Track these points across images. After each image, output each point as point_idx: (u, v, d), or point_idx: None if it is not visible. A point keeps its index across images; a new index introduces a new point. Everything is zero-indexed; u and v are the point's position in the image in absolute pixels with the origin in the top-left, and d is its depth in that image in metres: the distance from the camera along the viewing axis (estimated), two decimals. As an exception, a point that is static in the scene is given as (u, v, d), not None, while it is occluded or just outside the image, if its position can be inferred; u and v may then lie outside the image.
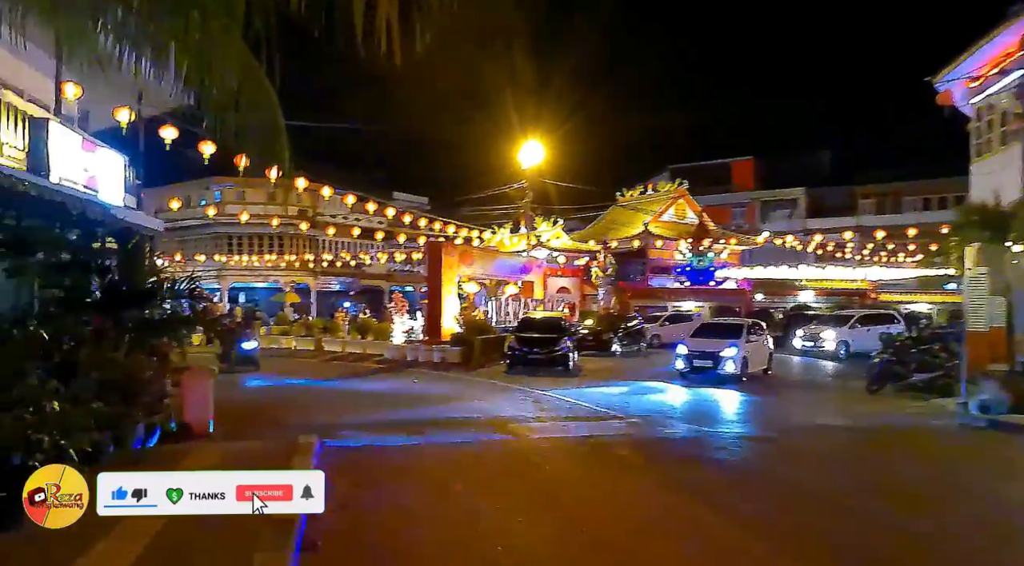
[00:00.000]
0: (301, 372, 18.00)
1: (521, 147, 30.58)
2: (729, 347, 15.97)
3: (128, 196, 14.67)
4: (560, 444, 8.71)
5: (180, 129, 15.46)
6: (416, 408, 11.83)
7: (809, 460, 8.53)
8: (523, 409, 11.74)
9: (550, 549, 5.06)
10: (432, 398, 13.25)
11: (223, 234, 44.43)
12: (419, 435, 9.07)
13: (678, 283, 36.79)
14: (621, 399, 13.26)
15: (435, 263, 22.15)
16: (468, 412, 11.13)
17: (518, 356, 18.37)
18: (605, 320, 25.90)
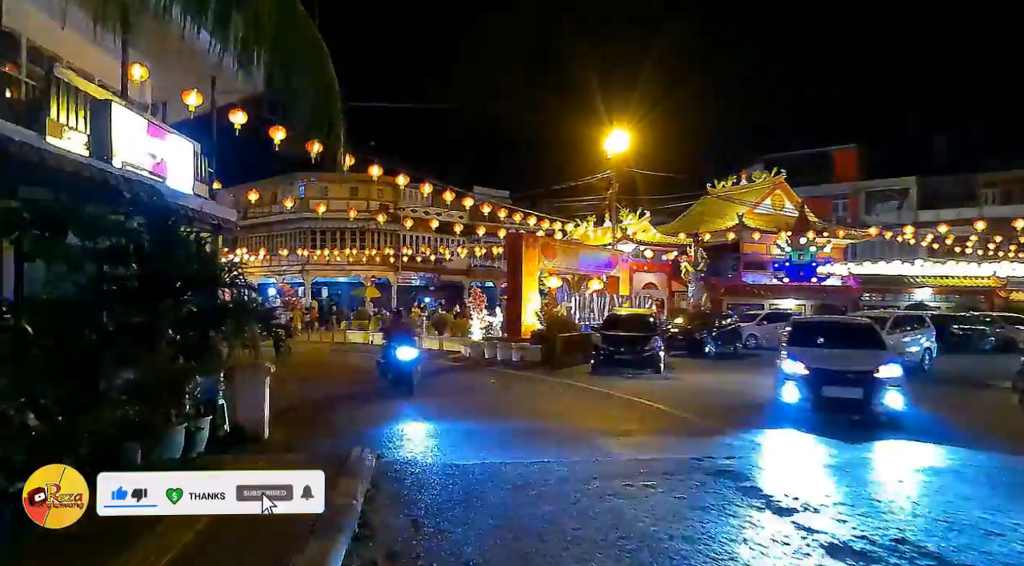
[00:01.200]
0: (373, 369, 17.20)
1: (607, 136, 29.04)
2: (886, 365, 9.73)
3: (199, 184, 14.18)
4: (663, 466, 7.24)
5: (252, 115, 14.92)
6: (492, 412, 10.61)
7: None
8: (613, 417, 10.29)
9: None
10: (510, 402, 11.99)
11: (307, 229, 44.95)
12: (495, 449, 7.81)
13: (775, 279, 34.16)
14: (722, 404, 11.61)
15: (515, 256, 20.94)
16: (550, 420, 9.78)
17: (604, 356, 16.88)
18: (697, 318, 23.96)
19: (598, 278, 26.73)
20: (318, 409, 10.87)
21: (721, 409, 11.18)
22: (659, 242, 33.97)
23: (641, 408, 11.20)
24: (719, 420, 9.89)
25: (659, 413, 10.73)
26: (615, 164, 29.29)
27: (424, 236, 46.94)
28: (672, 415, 10.54)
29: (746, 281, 35.57)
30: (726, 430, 9.03)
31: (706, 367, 18.88)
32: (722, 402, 12.14)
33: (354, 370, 17.03)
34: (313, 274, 45.39)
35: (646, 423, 9.94)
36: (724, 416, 10.32)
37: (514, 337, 20.36)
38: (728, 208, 37.98)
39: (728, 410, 11.07)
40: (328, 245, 44.43)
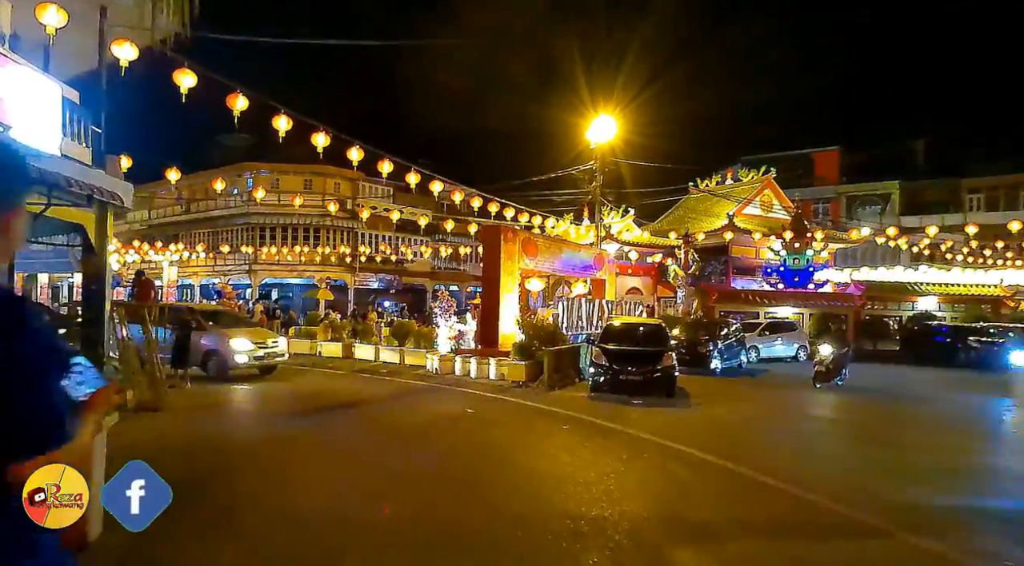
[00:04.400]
0: (312, 391, 13.54)
1: (591, 123, 25.87)
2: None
3: (72, 144, 10.43)
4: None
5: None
6: (473, 479, 7.11)
7: None
8: (664, 490, 6.87)
9: None
10: (494, 450, 8.53)
11: (254, 224, 40.78)
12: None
13: (767, 285, 31.43)
14: (804, 452, 8.41)
15: (492, 252, 17.53)
16: (568, 496, 6.36)
17: (606, 376, 13.58)
18: (698, 328, 20.89)
19: (582, 281, 23.49)
20: (207, 468, 7.28)
21: (826, 468, 7.91)
22: (647, 243, 30.93)
23: (697, 466, 7.79)
24: (848, 498, 6.52)
25: (732, 478, 7.29)
26: (600, 154, 26.14)
27: (384, 235, 43.19)
28: (758, 484, 6.99)
29: (735, 286, 32.81)
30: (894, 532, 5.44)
31: (720, 389, 15.74)
32: (801, 448, 8.91)
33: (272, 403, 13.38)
34: (262, 274, 41.25)
35: (728, 504, 6.31)
36: (842, 486, 7.05)
37: (491, 349, 16.94)
38: (715, 208, 35.27)
39: (835, 471, 7.80)
40: (279, 242, 40.36)
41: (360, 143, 14.47)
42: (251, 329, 16.39)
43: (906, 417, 12.52)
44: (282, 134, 12.39)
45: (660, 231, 33.69)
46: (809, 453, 8.94)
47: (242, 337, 15.00)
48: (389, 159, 15.33)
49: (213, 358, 14.67)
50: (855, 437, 10.41)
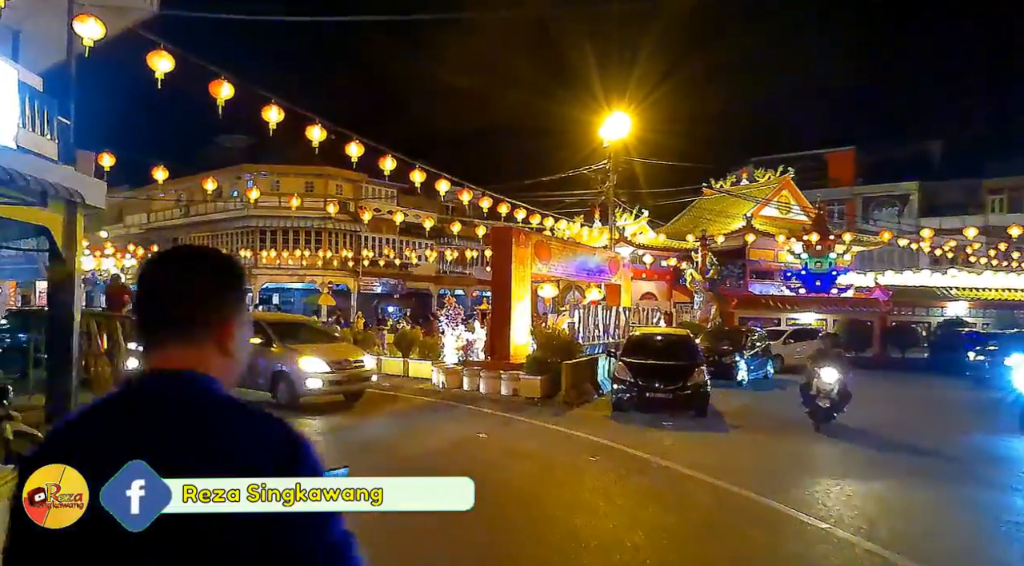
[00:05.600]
0: (302, 411, 12.24)
1: (603, 121, 24.65)
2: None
3: (31, 136, 9.23)
4: None
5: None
6: (489, 534, 5.84)
7: None
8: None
9: None
10: (514, 493, 7.21)
11: (254, 228, 39.62)
12: None
13: (787, 290, 30.12)
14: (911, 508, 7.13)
15: (503, 256, 16.27)
16: (606, 562, 5.10)
17: (630, 393, 12.32)
18: (722, 337, 19.61)
19: (596, 286, 22.22)
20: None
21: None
22: (661, 245, 29.63)
23: (772, 523, 6.42)
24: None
25: (839, 550, 5.83)
26: (613, 153, 24.90)
27: (388, 238, 42.00)
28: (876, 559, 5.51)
29: (752, 291, 31.51)
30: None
31: (754, 405, 14.47)
32: (901, 504, 7.59)
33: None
34: (262, 279, 40.06)
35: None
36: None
37: (502, 362, 15.67)
38: (731, 209, 33.98)
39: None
40: (279, 246, 39.20)
41: (360, 138, 13.25)
42: (330, 345, 13.73)
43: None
44: (273, 126, 11.17)
45: (675, 233, 32.39)
46: (912, 510, 7.62)
47: (314, 356, 12.33)
48: (392, 156, 14.12)
49: (283, 382, 12.25)
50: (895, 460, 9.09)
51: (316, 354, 12.41)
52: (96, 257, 32.21)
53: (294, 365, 12.07)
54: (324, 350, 12.84)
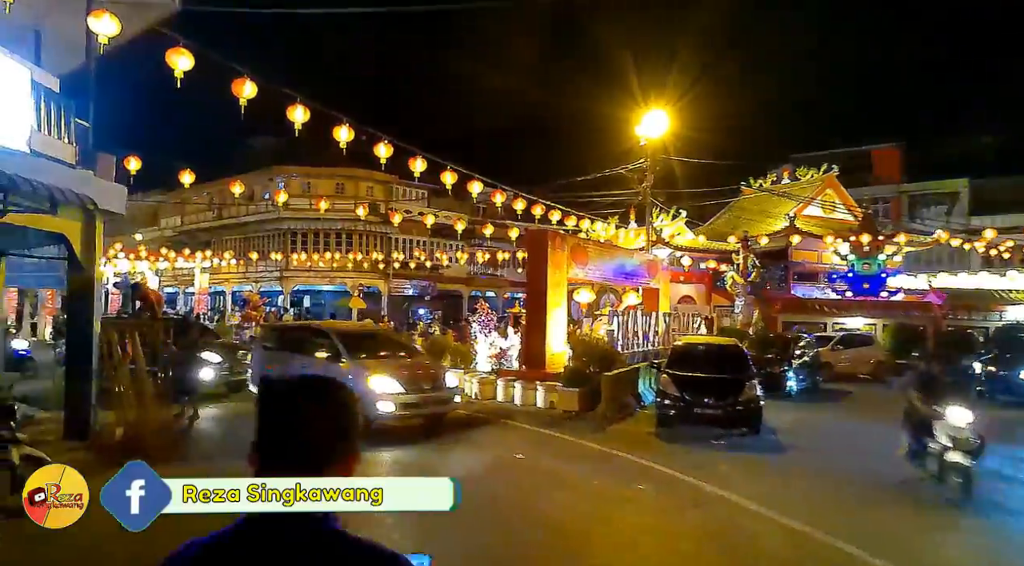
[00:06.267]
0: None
1: (640, 118, 23.76)
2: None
3: (45, 139, 8.78)
4: None
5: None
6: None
7: None
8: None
9: None
10: (557, 536, 6.49)
11: (285, 230, 39.50)
12: None
13: (834, 293, 28.85)
14: None
15: (539, 260, 15.57)
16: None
17: (676, 409, 11.48)
18: (767, 344, 18.59)
19: (633, 290, 21.39)
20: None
21: None
22: (701, 247, 28.58)
23: None
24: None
25: None
26: (650, 152, 23.99)
27: (418, 239, 41.57)
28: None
29: (795, 294, 30.29)
30: None
31: (809, 420, 13.52)
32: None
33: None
34: (293, 281, 39.96)
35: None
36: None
37: (537, 372, 14.96)
38: (772, 208, 32.71)
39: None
40: (310, 248, 39.03)
41: (389, 139, 12.67)
42: (408, 360, 11.89)
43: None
44: (298, 126, 10.62)
45: (713, 234, 31.29)
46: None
47: (386, 374, 10.50)
48: (423, 156, 13.50)
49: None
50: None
51: (389, 372, 10.65)
52: (130, 260, 32.34)
53: (363, 384, 10.25)
54: (399, 366, 11.07)
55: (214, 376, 13.65)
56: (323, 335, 11.96)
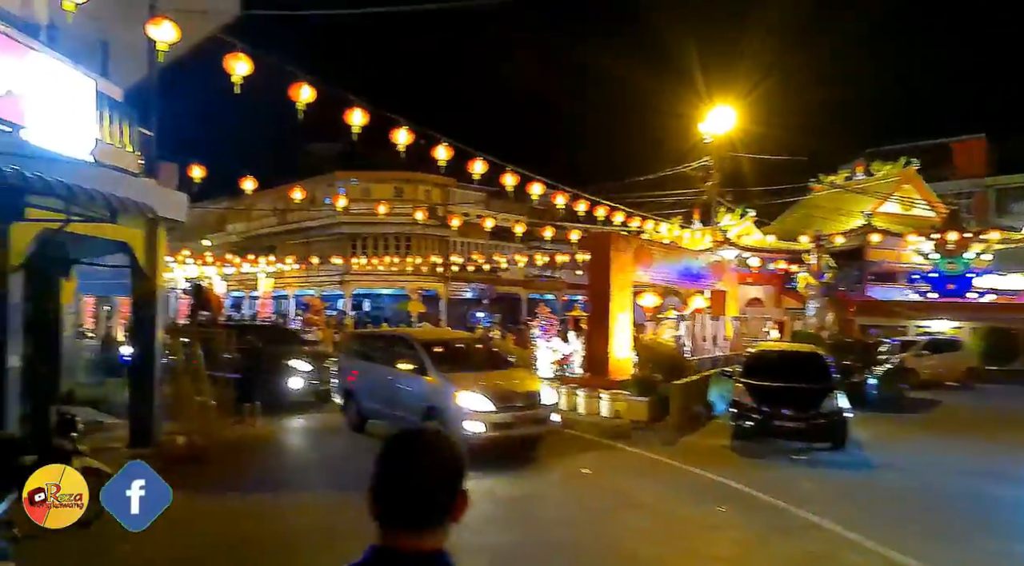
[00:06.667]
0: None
1: (705, 115, 22.90)
2: None
3: (109, 149, 8.81)
4: None
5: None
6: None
7: None
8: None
9: None
10: (623, 550, 5.93)
11: (346, 235, 40.03)
12: None
13: (916, 294, 27.17)
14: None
15: (601, 263, 15.02)
16: None
17: (753, 421, 10.75)
18: (846, 350, 17.45)
19: (699, 293, 20.54)
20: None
21: None
22: (771, 247, 27.35)
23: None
24: None
25: None
26: (716, 149, 23.09)
27: (476, 242, 41.43)
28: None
29: (872, 296, 28.68)
30: None
31: (899, 433, 12.53)
32: None
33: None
34: (353, 285, 40.44)
35: None
36: None
37: (600, 378, 14.40)
38: (845, 205, 31.07)
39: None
40: (370, 252, 39.42)
41: (447, 140, 12.37)
42: (500, 372, 10.65)
43: None
44: (356, 130, 10.41)
45: (782, 233, 29.92)
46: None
47: (475, 389, 9.41)
48: (482, 158, 13.14)
49: (436, 420, 9.19)
50: None
51: (479, 387, 9.53)
52: (198, 265, 33.29)
53: (450, 401, 9.35)
54: (490, 381, 9.95)
55: (303, 385, 13.30)
56: (408, 345, 11.02)
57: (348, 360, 12.59)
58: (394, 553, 1.32)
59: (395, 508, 1.34)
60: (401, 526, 1.34)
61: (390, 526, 1.34)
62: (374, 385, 11.21)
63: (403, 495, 1.34)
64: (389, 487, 1.35)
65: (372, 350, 12.18)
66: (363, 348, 12.58)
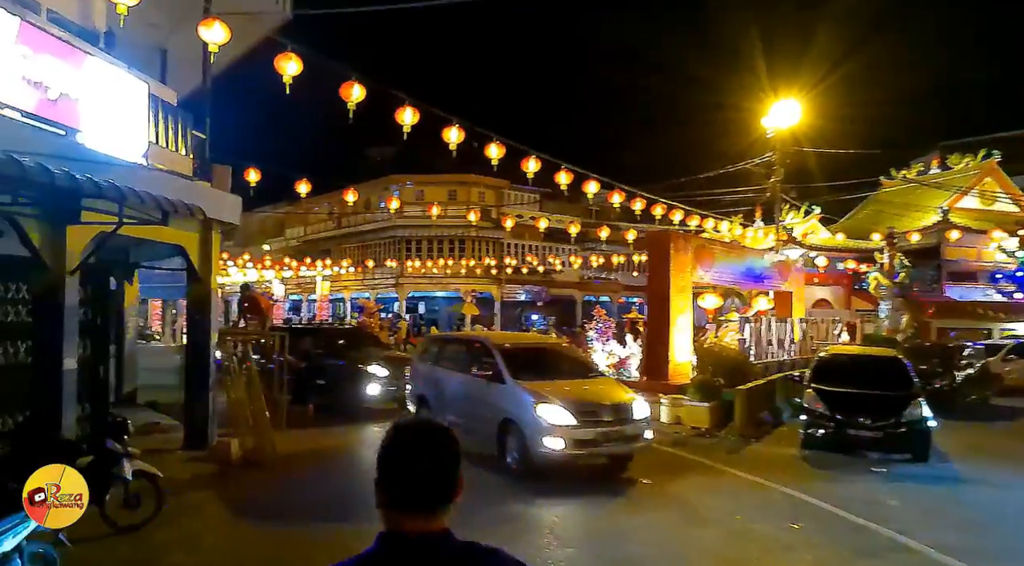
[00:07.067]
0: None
1: (768, 108, 21.95)
2: None
3: (161, 151, 8.83)
4: None
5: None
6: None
7: None
8: None
9: None
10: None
11: (400, 238, 40.35)
12: None
13: (1000, 294, 25.45)
14: None
15: (660, 263, 14.46)
16: None
17: (825, 429, 10.06)
18: (925, 354, 16.35)
19: (763, 294, 19.65)
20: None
21: None
22: (839, 246, 26.10)
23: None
24: None
25: None
26: (780, 144, 22.09)
27: (531, 244, 41.15)
28: None
29: (949, 296, 27.05)
30: None
31: (989, 444, 11.55)
32: None
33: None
34: (408, 288, 40.72)
35: None
36: None
37: (659, 383, 13.84)
38: (919, 201, 29.50)
39: None
40: (424, 255, 39.60)
41: (500, 138, 12.09)
42: (585, 381, 9.59)
43: None
44: (407, 129, 10.23)
45: (851, 231, 28.57)
46: None
47: (556, 401, 8.39)
48: (536, 156, 12.81)
49: (511, 436, 8.64)
50: None
51: (561, 398, 8.50)
52: (257, 269, 34.04)
53: (528, 413, 8.43)
54: (574, 391, 8.95)
55: (381, 391, 12.75)
56: (484, 350, 9.95)
57: (422, 364, 11.52)
58: (403, 537, 1.40)
59: (403, 494, 1.42)
60: (409, 511, 1.42)
61: (400, 511, 1.42)
62: (447, 393, 10.28)
63: (410, 481, 1.42)
64: (396, 475, 1.43)
65: (446, 354, 11.10)
66: (439, 353, 11.41)
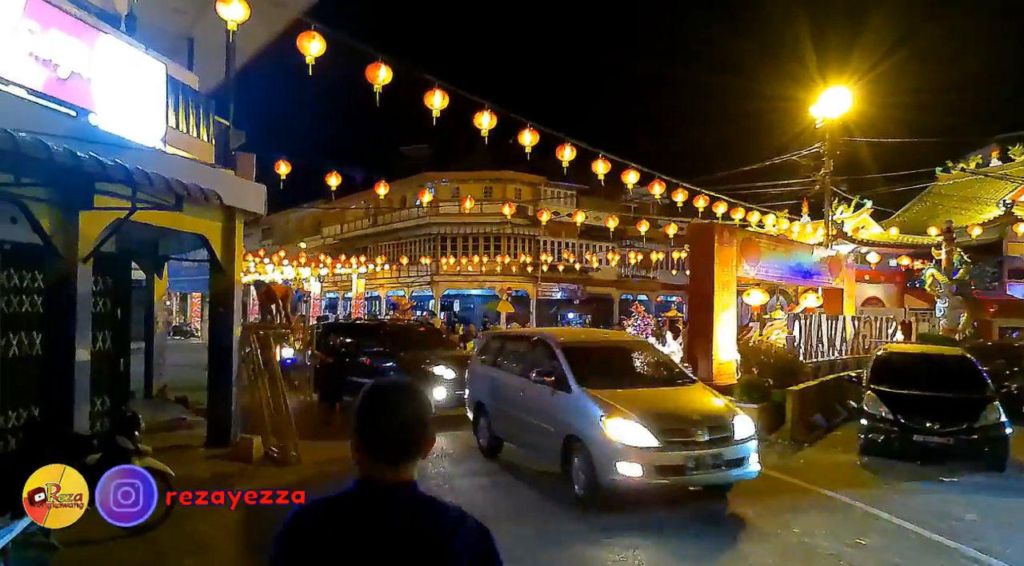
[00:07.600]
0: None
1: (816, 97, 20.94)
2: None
3: (181, 137, 8.50)
4: None
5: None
6: None
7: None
8: None
9: None
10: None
11: (435, 235, 40.07)
12: None
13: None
14: None
15: (704, 257, 13.70)
16: None
17: (887, 435, 9.25)
18: (991, 355, 15.20)
19: (812, 291, 18.67)
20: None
21: None
22: (892, 241, 24.84)
23: None
24: None
25: None
26: (829, 135, 21.05)
27: (567, 241, 40.46)
28: None
29: (1012, 294, 25.53)
30: None
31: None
32: None
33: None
34: (443, 285, 40.42)
35: None
36: None
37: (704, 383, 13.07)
38: (978, 193, 27.99)
39: None
40: (459, 252, 39.26)
41: (534, 125, 11.53)
42: (669, 390, 7.88)
43: None
44: (436, 113, 9.73)
45: (905, 226, 27.21)
46: None
47: (632, 416, 6.69)
48: (572, 144, 12.22)
49: (577, 456, 7.03)
50: None
51: (637, 411, 6.79)
52: (294, 267, 34.11)
53: (596, 430, 6.79)
54: (655, 402, 7.25)
55: (448, 394, 11.65)
56: (546, 349, 8.29)
57: (480, 366, 10.08)
58: (375, 484, 1.58)
59: (379, 445, 1.59)
60: (383, 460, 1.58)
61: (375, 460, 1.58)
62: (505, 400, 8.80)
63: (386, 434, 1.59)
64: (374, 427, 1.59)
65: (506, 354, 9.59)
66: (499, 352, 9.86)
